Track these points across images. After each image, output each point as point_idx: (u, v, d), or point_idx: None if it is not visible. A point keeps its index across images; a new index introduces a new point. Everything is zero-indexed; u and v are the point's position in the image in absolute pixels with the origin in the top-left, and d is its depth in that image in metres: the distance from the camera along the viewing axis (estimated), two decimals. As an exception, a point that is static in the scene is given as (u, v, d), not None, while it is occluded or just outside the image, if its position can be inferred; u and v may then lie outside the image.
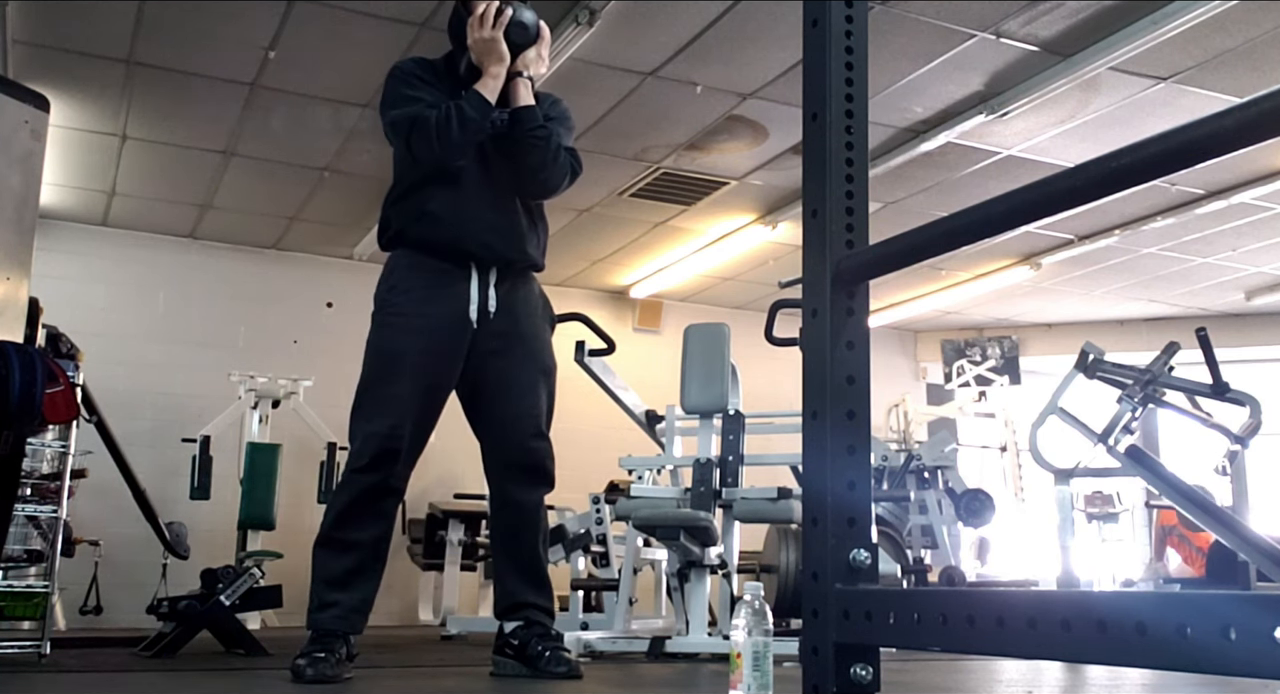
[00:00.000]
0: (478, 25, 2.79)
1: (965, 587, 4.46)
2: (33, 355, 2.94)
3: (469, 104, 2.74)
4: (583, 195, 6.47)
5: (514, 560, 2.86)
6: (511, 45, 2.82)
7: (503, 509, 2.88)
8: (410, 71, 2.89)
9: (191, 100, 5.29)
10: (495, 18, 2.79)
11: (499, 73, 2.80)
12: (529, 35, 2.86)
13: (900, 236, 1.25)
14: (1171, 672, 1.35)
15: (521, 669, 2.75)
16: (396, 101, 2.83)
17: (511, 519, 2.87)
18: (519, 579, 2.83)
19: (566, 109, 3.04)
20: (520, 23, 2.83)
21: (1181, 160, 0.93)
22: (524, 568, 2.84)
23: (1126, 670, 3.07)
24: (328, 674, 2.52)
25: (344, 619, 2.66)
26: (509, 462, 2.85)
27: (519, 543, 2.85)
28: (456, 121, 2.72)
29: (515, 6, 2.83)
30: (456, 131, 2.72)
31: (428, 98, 2.79)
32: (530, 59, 2.87)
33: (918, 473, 6.06)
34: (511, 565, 2.86)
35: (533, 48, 2.87)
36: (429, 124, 2.72)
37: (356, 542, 2.69)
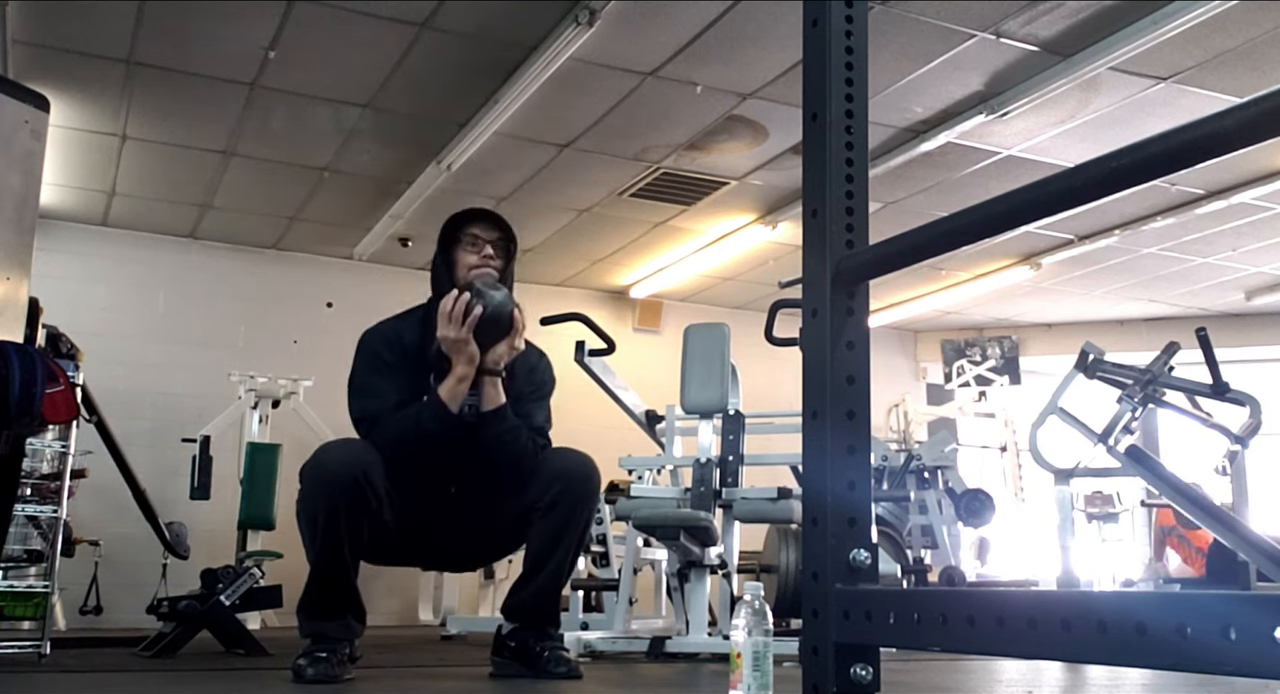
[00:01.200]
0: (445, 320, 2.68)
1: (965, 587, 4.46)
2: (33, 355, 2.94)
3: (429, 414, 2.68)
4: (583, 195, 6.47)
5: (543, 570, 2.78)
6: (481, 345, 2.70)
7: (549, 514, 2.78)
8: (375, 352, 2.80)
9: (191, 100, 5.29)
10: (465, 316, 2.66)
11: (467, 374, 2.69)
12: (500, 331, 2.72)
13: (900, 236, 1.25)
14: (1171, 672, 1.35)
15: (521, 669, 2.75)
16: (359, 388, 2.77)
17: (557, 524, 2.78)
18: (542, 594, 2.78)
19: (547, 370, 2.96)
20: (491, 321, 2.68)
21: (1181, 160, 0.93)
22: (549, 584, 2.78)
23: (1126, 670, 3.07)
24: (328, 674, 2.51)
25: (348, 628, 2.66)
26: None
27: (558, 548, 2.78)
28: (415, 433, 2.66)
29: (487, 298, 2.68)
30: (414, 443, 2.67)
31: (391, 394, 2.73)
32: (501, 353, 2.74)
33: (918, 473, 6.06)
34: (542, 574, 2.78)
35: (504, 341, 2.74)
36: (387, 431, 2.67)
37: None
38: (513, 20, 4.46)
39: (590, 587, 5.13)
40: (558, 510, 2.72)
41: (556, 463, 2.79)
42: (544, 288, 8.00)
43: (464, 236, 2.87)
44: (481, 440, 2.74)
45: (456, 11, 4.41)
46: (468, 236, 2.87)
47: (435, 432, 2.68)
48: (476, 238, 2.87)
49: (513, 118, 5.23)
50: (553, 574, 2.75)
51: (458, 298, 2.68)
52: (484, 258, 2.84)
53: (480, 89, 5.09)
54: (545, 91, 4.97)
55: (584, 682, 2.67)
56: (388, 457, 2.65)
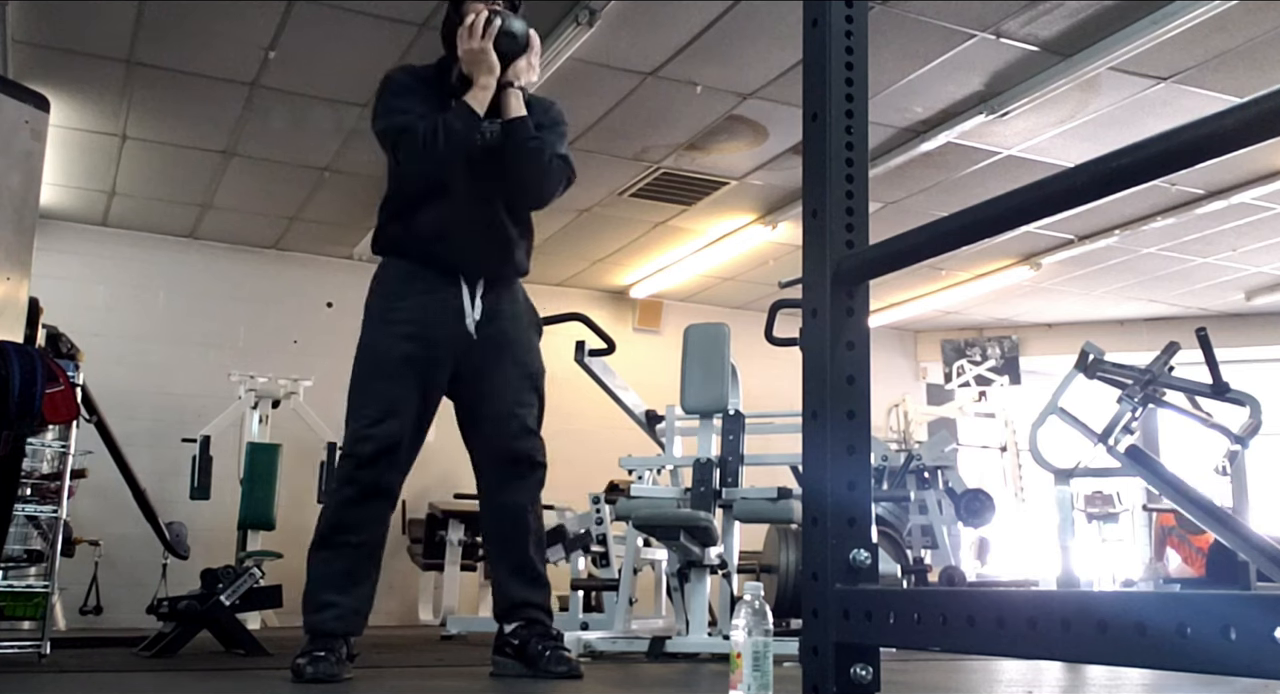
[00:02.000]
0: (467, 36, 2.78)
1: (965, 587, 4.46)
2: (33, 355, 2.94)
3: (456, 116, 2.75)
4: (583, 195, 6.47)
5: (507, 560, 2.85)
6: (501, 55, 2.80)
7: (494, 510, 2.87)
8: (400, 82, 2.89)
9: (191, 100, 5.30)
10: (484, 28, 2.77)
11: (489, 84, 2.79)
12: (519, 45, 2.84)
13: (900, 236, 1.25)
14: (1171, 672, 1.35)
15: (521, 669, 2.74)
16: (386, 112, 2.82)
17: (503, 519, 2.86)
18: (514, 579, 2.83)
19: (560, 113, 3.02)
20: (509, 32, 2.81)
21: (1181, 160, 0.93)
22: (518, 567, 2.83)
23: (1126, 670, 3.07)
24: (328, 674, 2.52)
25: (343, 620, 2.66)
26: (497, 458, 2.85)
27: (511, 543, 2.84)
28: (443, 134, 2.72)
29: (505, 16, 2.82)
30: (443, 144, 2.72)
31: (417, 109, 2.79)
32: (521, 68, 2.85)
33: (918, 473, 6.06)
34: (506, 566, 2.85)
35: (523, 57, 2.85)
36: (416, 136, 2.72)
37: (353, 544, 2.69)
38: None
39: (590, 587, 5.13)
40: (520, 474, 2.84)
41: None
42: (544, 288, 7.99)
43: None
44: (507, 150, 2.81)
45: (456, 11, 4.41)
46: None
47: (463, 134, 2.74)
48: None
49: (513, 118, 5.23)
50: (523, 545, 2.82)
51: (478, 14, 2.78)
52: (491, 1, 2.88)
53: (480, 89, 5.09)
54: (545, 91, 4.96)
55: (584, 682, 2.67)
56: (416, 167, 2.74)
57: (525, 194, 2.89)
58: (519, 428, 2.85)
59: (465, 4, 2.89)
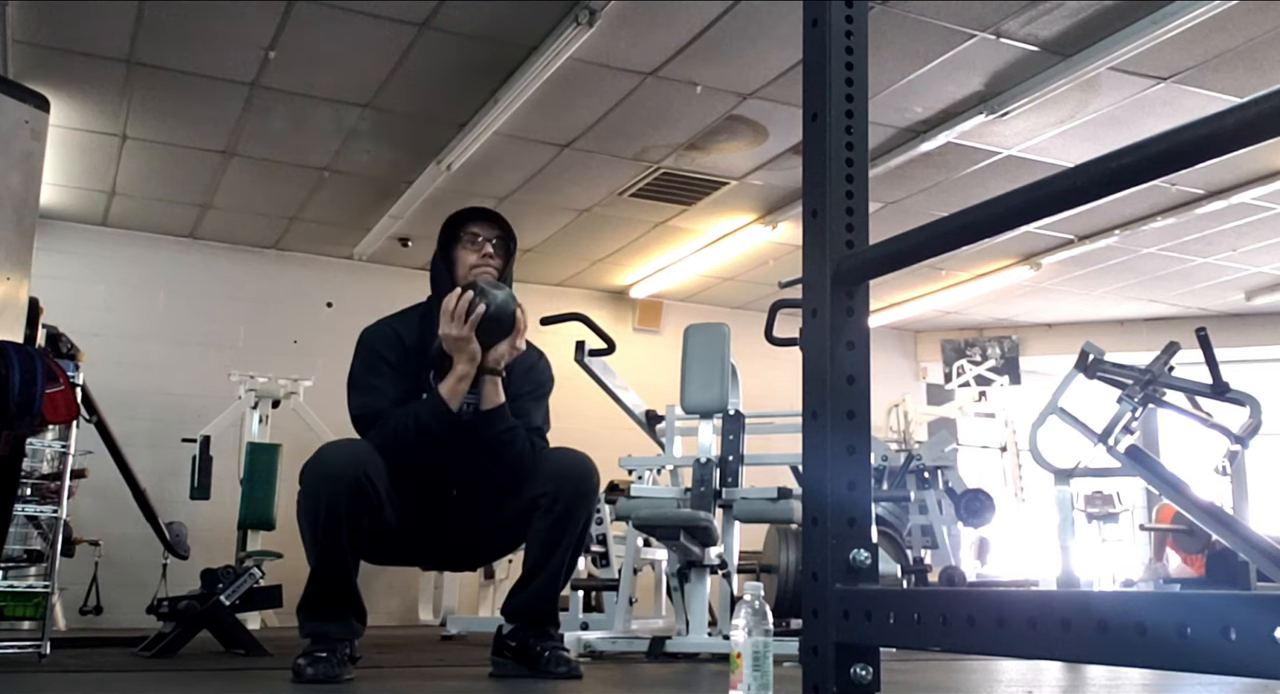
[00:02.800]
0: (448, 318, 2.67)
1: (965, 587, 4.46)
2: (33, 355, 2.94)
3: (429, 412, 2.67)
4: (583, 195, 6.47)
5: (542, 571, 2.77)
6: (483, 342, 2.69)
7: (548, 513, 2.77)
8: (374, 350, 2.80)
9: (191, 100, 5.30)
10: (467, 314, 2.65)
11: (468, 373, 2.69)
12: (503, 330, 2.71)
13: (900, 236, 1.25)
14: (1171, 672, 1.35)
15: (521, 669, 2.74)
16: (359, 386, 2.77)
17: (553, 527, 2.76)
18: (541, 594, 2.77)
19: (544, 370, 2.95)
20: (493, 320, 2.67)
21: (1181, 160, 0.93)
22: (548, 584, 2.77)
23: (1126, 670, 3.07)
24: (328, 674, 2.51)
25: (349, 628, 2.66)
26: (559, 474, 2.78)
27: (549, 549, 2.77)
28: (414, 431, 2.65)
29: (489, 297, 2.67)
30: (413, 441, 2.66)
31: (391, 390, 2.73)
32: (502, 353, 2.74)
33: (918, 473, 6.06)
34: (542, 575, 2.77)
35: (505, 341, 2.74)
36: (386, 428, 2.66)
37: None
38: (513, 20, 4.46)
39: (590, 587, 5.13)
40: (556, 510, 2.71)
41: (554, 462, 2.79)
42: (544, 288, 8.00)
43: (464, 235, 2.88)
44: (480, 440, 2.74)
45: (456, 11, 4.41)
46: (468, 235, 2.88)
47: (434, 429, 2.67)
48: (476, 236, 2.87)
49: (513, 118, 5.24)
50: (552, 574, 2.75)
51: (460, 296, 2.68)
52: (484, 256, 2.84)
53: (480, 89, 5.09)
54: (545, 91, 4.98)
55: (584, 682, 2.67)
56: (387, 455, 2.65)
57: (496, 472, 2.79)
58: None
59: (455, 252, 2.85)
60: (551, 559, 2.74)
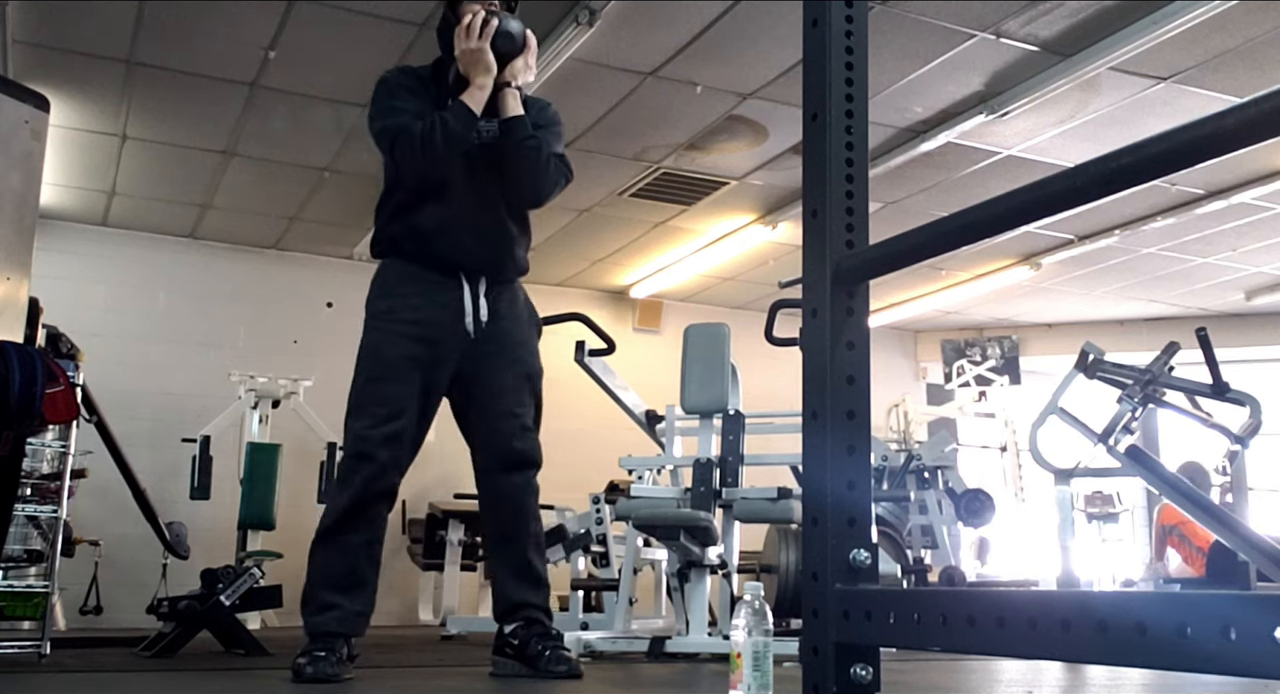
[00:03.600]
0: (464, 36, 2.79)
1: (965, 587, 4.46)
2: (33, 355, 2.94)
3: (453, 115, 2.75)
4: (583, 195, 6.47)
5: (507, 561, 2.85)
6: (498, 55, 2.80)
7: (493, 509, 2.88)
8: (397, 82, 2.89)
9: (191, 100, 5.30)
10: (481, 28, 2.77)
11: (485, 84, 2.79)
12: (516, 45, 2.84)
13: (900, 236, 1.25)
14: (1171, 672, 1.35)
15: (521, 669, 2.75)
16: (382, 113, 2.83)
17: (502, 518, 2.86)
18: (513, 579, 2.83)
19: (556, 114, 3.02)
20: (507, 33, 2.81)
21: (1181, 160, 0.93)
22: (517, 568, 2.83)
23: (1126, 670, 3.07)
24: (328, 674, 2.51)
25: (346, 621, 2.66)
26: (495, 457, 2.85)
27: (510, 542, 2.85)
28: (440, 133, 2.72)
29: (502, 16, 2.82)
30: (440, 143, 2.72)
31: (413, 108, 2.80)
32: (518, 68, 2.85)
33: (918, 473, 6.06)
34: (505, 566, 2.86)
35: (520, 57, 2.85)
36: (413, 135, 2.72)
37: (354, 544, 2.69)
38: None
39: (590, 587, 5.13)
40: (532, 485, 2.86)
41: None
42: (544, 288, 7.99)
43: None
44: (505, 149, 2.81)
45: (456, 11, 4.41)
46: None
47: (459, 131, 2.74)
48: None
49: (513, 118, 5.23)
50: (535, 538, 2.84)
51: (475, 14, 2.78)
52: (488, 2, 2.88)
53: (480, 89, 5.09)
54: (545, 91, 4.97)
55: (584, 682, 2.67)
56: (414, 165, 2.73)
57: (523, 192, 2.89)
58: (517, 428, 2.85)
59: (462, 4, 2.89)
60: (529, 523, 2.83)
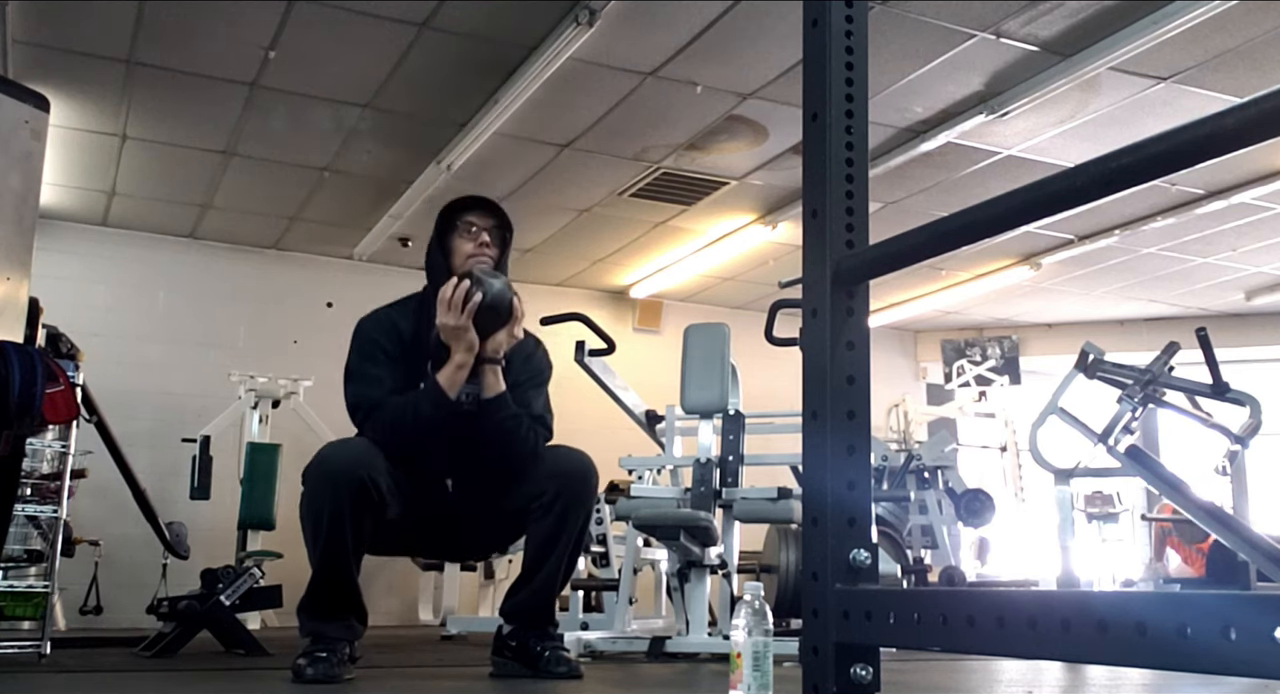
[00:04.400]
0: (445, 308, 2.67)
1: (965, 587, 4.46)
2: (33, 355, 2.94)
3: (427, 401, 2.66)
4: (583, 195, 6.47)
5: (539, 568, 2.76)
6: (481, 330, 2.69)
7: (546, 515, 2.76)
8: (372, 339, 2.79)
9: (191, 100, 5.29)
10: (464, 302, 2.65)
11: (466, 362, 2.68)
12: (500, 319, 2.71)
13: (900, 236, 1.25)
14: (1171, 672, 1.35)
15: (521, 669, 2.74)
16: (355, 377, 2.76)
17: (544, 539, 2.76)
18: (531, 586, 2.77)
19: (543, 358, 2.95)
20: (491, 308, 2.67)
21: (1181, 160, 0.93)
22: (541, 583, 2.76)
23: (1126, 670, 3.07)
24: (329, 674, 2.51)
25: (349, 628, 2.66)
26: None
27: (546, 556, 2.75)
28: (411, 420, 2.65)
29: (486, 286, 2.67)
30: (410, 430, 2.65)
31: (388, 380, 2.72)
32: (500, 341, 2.74)
33: (918, 473, 6.07)
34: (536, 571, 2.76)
35: (504, 329, 2.74)
36: (383, 418, 2.65)
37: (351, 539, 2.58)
38: (513, 20, 4.46)
39: (590, 587, 5.13)
40: (555, 509, 2.71)
41: (554, 461, 2.78)
42: (544, 288, 7.99)
43: (460, 224, 2.88)
44: (483, 429, 2.72)
45: (456, 11, 4.41)
46: (464, 224, 2.88)
47: (433, 418, 2.66)
48: (473, 225, 2.87)
49: (513, 118, 5.23)
50: (550, 574, 2.75)
51: (457, 285, 2.68)
52: (480, 246, 2.84)
53: (480, 89, 5.09)
54: (545, 91, 4.97)
55: (584, 682, 2.67)
56: (385, 444, 2.63)
57: (495, 459, 2.78)
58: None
59: (451, 240, 2.85)
60: (550, 558, 2.73)
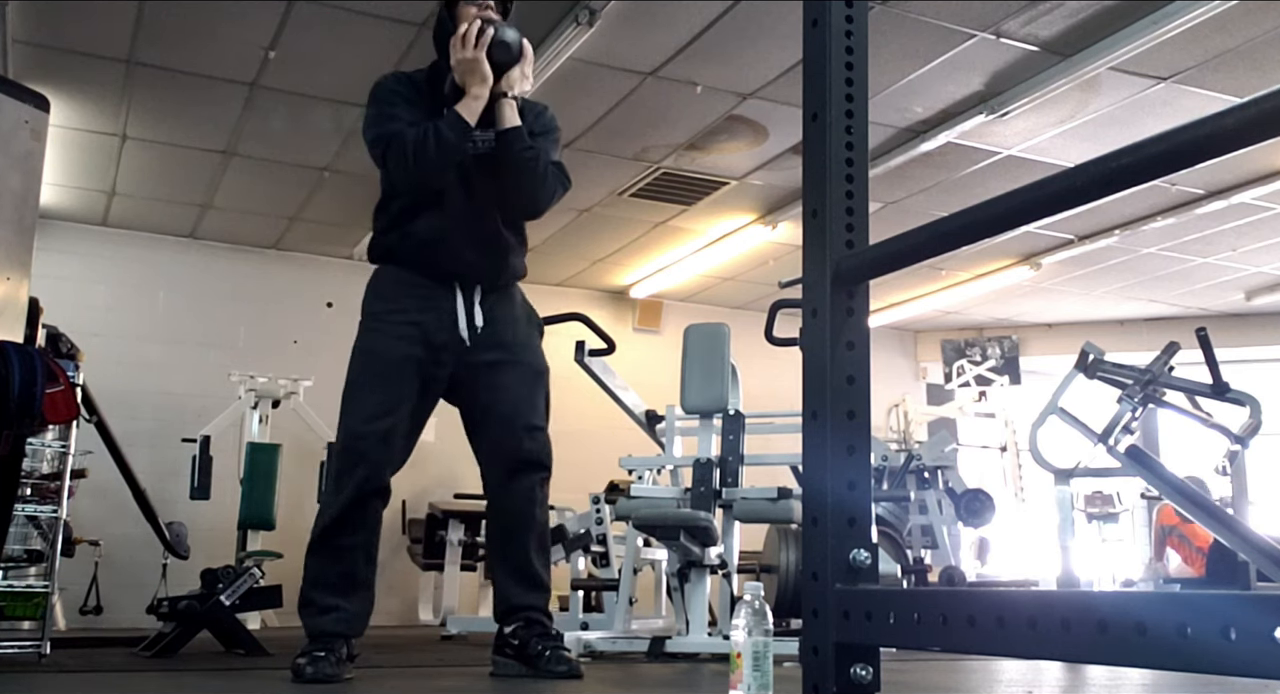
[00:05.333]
0: (459, 45, 2.76)
1: (965, 587, 4.46)
2: (33, 355, 2.94)
3: (447, 125, 2.72)
4: (583, 195, 6.47)
5: (507, 562, 2.85)
6: (494, 64, 2.77)
7: (498, 511, 2.88)
8: (391, 90, 2.86)
9: (191, 100, 5.30)
10: (477, 38, 2.74)
11: (481, 94, 2.76)
12: (512, 54, 2.80)
13: (900, 236, 1.25)
14: (1171, 672, 1.35)
15: (521, 669, 2.75)
16: (376, 121, 2.81)
17: (505, 519, 2.86)
18: (513, 581, 2.82)
19: (553, 118, 3.00)
20: (503, 42, 2.78)
21: (1181, 160, 0.93)
22: (517, 569, 2.82)
23: (1126, 670, 3.07)
24: (328, 674, 2.52)
25: (346, 622, 2.66)
26: (504, 458, 2.84)
27: (512, 544, 2.84)
28: (434, 143, 2.70)
29: (498, 25, 2.79)
30: (433, 153, 2.70)
31: (407, 116, 2.77)
32: (514, 78, 2.82)
33: (918, 473, 6.06)
34: (506, 567, 2.85)
35: (517, 67, 2.82)
36: (405, 145, 2.70)
37: (349, 545, 2.69)
38: (513, 20, 4.45)
39: (590, 587, 5.13)
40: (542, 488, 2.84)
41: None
42: (544, 288, 7.99)
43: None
44: (502, 161, 2.79)
45: (456, 11, 4.41)
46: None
47: (454, 142, 2.72)
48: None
49: (513, 118, 5.23)
50: (539, 532, 2.83)
51: (471, 24, 2.76)
52: (483, 8, 2.87)
53: (480, 89, 5.09)
54: (545, 91, 4.97)
55: (584, 682, 2.67)
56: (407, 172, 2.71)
57: (521, 203, 2.87)
58: (525, 427, 2.84)
59: (458, 8, 2.88)
60: (533, 526, 2.82)
